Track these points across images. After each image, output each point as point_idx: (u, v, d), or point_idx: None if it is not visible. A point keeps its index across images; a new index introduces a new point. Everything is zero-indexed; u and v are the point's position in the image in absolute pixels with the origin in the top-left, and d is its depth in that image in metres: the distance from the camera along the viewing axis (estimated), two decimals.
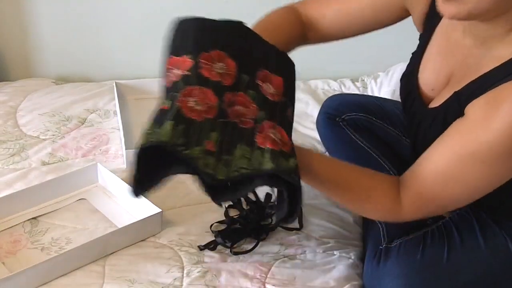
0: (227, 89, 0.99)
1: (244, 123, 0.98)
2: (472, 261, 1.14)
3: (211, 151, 0.94)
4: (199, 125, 0.95)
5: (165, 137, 0.91)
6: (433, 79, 1.12)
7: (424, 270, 1.13)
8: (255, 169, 0.94)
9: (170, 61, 1.02)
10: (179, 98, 0.96)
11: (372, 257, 1.20)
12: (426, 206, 1.05)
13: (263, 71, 1.03)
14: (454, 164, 0.98)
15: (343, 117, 1.45)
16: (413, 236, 1.19)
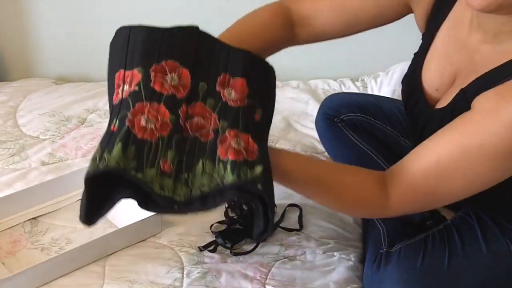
0: (182, 101, 0.93)
1: (204, 135, 0.93)
2: (473, 266, 1.13)
3: (167, 172, 0.89)
4: (153, 144, 0.89)
5: (114, 162, 0.86)
6: (437, 79, 1.09)
7: (424, 276, 1.12)
8: (218, 185, 0.89)
9: (119, 75, 0.94)
10: (128, 117, 0.89)
11: (372, 261, 1.20)
12: (417, 200, 1.00)
13: (223, 76, 0.95)
14: (457, 156, 0.92)
15: (342, 117, 1.44)
16: (414, 240, 1.19)
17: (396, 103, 1.50)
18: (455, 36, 1.05)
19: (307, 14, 1.16)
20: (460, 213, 1.22)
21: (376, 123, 1.43)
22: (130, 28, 0.97)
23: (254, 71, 0.97)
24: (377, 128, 1.43)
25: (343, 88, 1.99)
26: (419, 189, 0.98)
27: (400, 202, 1.00)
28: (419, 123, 1.11)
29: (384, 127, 1.43)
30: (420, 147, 0.98)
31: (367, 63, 2.12)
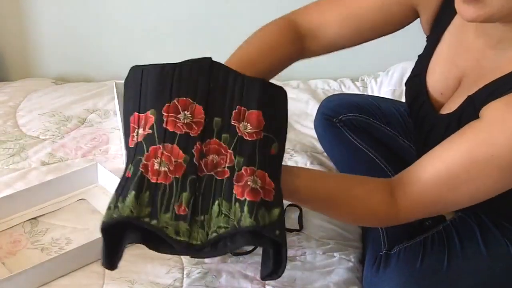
0: (197, 140, 0.90)
1: (219, 174, 0.90)
2: (472, 268, 1.12)
3: (182, 215, 0.87)
4: (167, 188, 0.88)
5: (128, 211, 0.85)
6: (442, 83, 1.08)
7: (424, 279, 1.11)
8: (234, 227, 0.86)
9: (133, 119, 0.93)
10: (142, 162, 0.88)
11: (372, 263, 1.20)
12: (427, 208, 1.00)
13: (239, 109, 0.93)
14: (468, 167, 0.92)
15: (340, 117, 1.44)
16: (413, 242, 1.18)
17: (395, 103, 1.50)
18: (460, 40, 1.05)
19: (315, 26, 1.14)
20: (460, 214, 1.22)
21: (374, 123, 1.43)
22: (142, 69, 0.96)
23: (269, 101, 0.95)
24: (375, 128, 1.43)
25: (343, 88, 1.99)
26: (429, 198, 0.97)
27: (410, 210, 1.00)
28: (424, 127, 1.11)
29: (382, 127, 1.43)
30: (429, 156, 0.97)
31: (367, 63, 2.12)
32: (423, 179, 0.96)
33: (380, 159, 1.38)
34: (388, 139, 1.42)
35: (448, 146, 0.95)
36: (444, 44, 1.09)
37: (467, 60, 1.03)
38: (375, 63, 2.09)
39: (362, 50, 2.13)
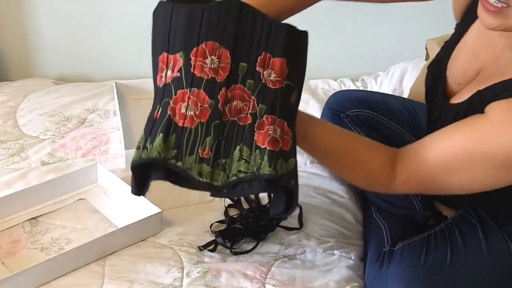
0: (223, 85, 0.95)
1: (242, 119, 0.95)
2: (474, 265, 1.13)
3: (205, 158, 0.94)
4: (192, 132, 0.94)
5: (156, 152, 0.92)
6: (462, 72, 1.10)
7: (427, 275, 1.12)
8: (253, 173, 0.93)
9: (162, 58, 0.97)
10: (170, 105, 0.94)
11: (375, 260, 1.20)
12: (421, 185, 1.04)
13: (264, 55, 0.95)
14: (462, 158, 0.96)
15: (347, 113, 1.45)
16: (416, 238, 1.19)
17: (402, 100, 1.50)
18: (486, 34, 1.06)
19: None
20: (461, 212, 1.22)
21: (382, 119, 1.44)
22: (172, 6, 0.96)
23: (293, 48, 0.97)
24: (383, 124, 1.43)
25: (343, 88, 1.99)
26: (423, 176, 1.02)
27: (404, 184, 1.05)
28: (435, 114, 1.14)
29: (390, 124, 1.43)
30: (430, 138, 1.02)
31: (367, 63, 2.12)
32: (421, 156, 1.01)
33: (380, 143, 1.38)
34: (395, 135, 1.43)
35: (448, 133, 1.00)
36: (471, 34, 1.11)
37: (488, 55, 1.06)
38: (375, 63, 2.10)
39: (362, 50, 2.15)
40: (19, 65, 2.12)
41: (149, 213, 1.28)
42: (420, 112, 1.44)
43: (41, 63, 2.11)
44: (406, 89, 1.88)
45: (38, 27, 2.05)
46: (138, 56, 2.10)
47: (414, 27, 2.00)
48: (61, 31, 2.07)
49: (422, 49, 1.91)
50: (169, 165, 0.92)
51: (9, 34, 2.07)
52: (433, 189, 1.07)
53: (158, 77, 0.98)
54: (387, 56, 2.10)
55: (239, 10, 0.95)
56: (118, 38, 2.09)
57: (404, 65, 2.00)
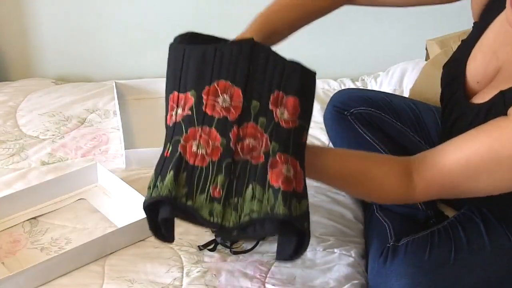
0: (234, 123, 0.94)
1: (254, 158, 0.94)
2: (478, 262, 1.13)
3: (216, 197, 0.92)
4: (203, 170, 0.92)
5: (166, 191, 0.90)
6: (481, 71, 1.08)
7: (431, 271, 1.12)
8: (267, 213, 0.90)
9: (173, 97, 0.97)
10: (181, 142, 0.93)
11: (379, 255, 1.20)
12: (443, 191, 1.02)
13: (276, 93, 0.95)
14: (488, 161, 0.94)
15: (351, 111, 1.44)
16: (421, 235, 1.19)
17: (406, 99, 1.50)
18: (506, 31, 1.04)
19: None
20: (463, 210, 1.22)
21: (385, 117, 1.43)
22: (184, 47, 0.97)
23: (305, 87, 0.97)
24: (386, 122, 1.43)
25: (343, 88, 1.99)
26: (446, 183, 1.00)
27: (425, 192, 1.02)
28: (453, 113, 1.12)
29: (393, 122, 1.43)
30: (452, 143, 0.99)
31: (367, 63, 2.12)
32: (442, 164, 0.98)
33: (389, 154, 1.38)
34: (399, 134, 1.42)
35: (471, 137, 0.97)
36: (490, 32, 1.09)
37: (508, 53, 1.04)
38: (375, 63, 2.10)
39: (362, 50, 2.15)
40: (19, 65, 2.12)
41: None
42: (423, 112, 1.44)
43: (41, 63, 2.11)
44: (406, 89, 1.88)
45: (38, 27, 2.05)
46: (138, 56, 2.11)
47: (414, 27, 2.01)
48: (61, 31, 2.07)
49: (422, 49, 1.91)
50: (180, 204, 0.90)
51: (9, 34, 2.07)
52: (455, 194, 1.06)
53: (168, 116, 0.97)
54: (387, 56, 2.10)
55: (251, 49, 0.95)
56: (118, 38, 2.09)
57: (404, 65, 2.00)
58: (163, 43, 2.13)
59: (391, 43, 2.14)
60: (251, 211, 0.91)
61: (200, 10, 2.06)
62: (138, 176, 1.49)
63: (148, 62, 2.11)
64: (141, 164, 1.53)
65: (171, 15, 2.06)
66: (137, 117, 1.77)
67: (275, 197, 0.90)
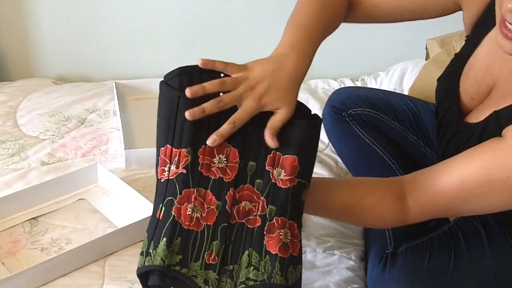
0: (230, 185, 0.91)
1: (251, 222, 0.91)
2: (478, 270, 1.12)
3: (211, 264, 0.89)
4: (198, 235, 0.89)
5: (159, 259, 0.86)
6: (475, 87, 1.07)
7: (430, 279, 1.12)
8: (264, 282, 0.88)
9: (165, 151, 0.91)
10: (175, 205, 0.89)
11: (378, 262, 1.19)
12: (437, 213, 1.02)
13: (273, 154, 0.92)
14: (482, 185, 0.94)
15: (350, 112, 1.43)
16: (420, 241, 1.18)
17: (405, 98, 1.49)
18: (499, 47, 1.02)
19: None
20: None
21: (384, 118, 1.43)
22: (179, 96, 0.91)
23: (306, 142, 0.93)
24: (384, 123, 1.42)
25: None
26: (440, 205, 0.99)
27: (420, 214, 1.02)
28: (448, 130, 1.11)
29: (392, 123, 1.42)
30: (446, 165, 0.99)
31: (367, 63, 2.12)
32: (436, 187, 0.98)
33: (388, 156, 1.38)
34: (397, 135, 1.42)
35: (466, 159, 0.96)
36: (482, 48, 1.08)
37: (502, 69, 1.03)
38: (375, 63, 2.10)
39: (362, 50, 2.15)
40: (19, 65, 2.12)
41: (149, 213, 1.27)
42: (423, 112, 1.43)
43: (41, 63, 2.11)
44: (406, 89, 1.88)
45: (38, 27, 2.05)
46: (138, 56, 2.11)
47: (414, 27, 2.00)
48: (61, 31, 2.07)
49: (422, 49, 1.91)
50: (173, 273, 0.87)
51: (9, 34, 2.07)
52: (450, 215, 1.07)
53: (160, 170, 0.91)
54: (387, 56, 2.10)
55: None
56: (118, 38, 2.09)
57: (404, 65, 2.00)
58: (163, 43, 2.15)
59: (391, 43, 2.14)
60: (247, 279, 0.88)
61: (200, 10, 2.06)
62: (138, 176, 1.49)
63: (148, 62, 2.11)
64: (141, 164, 1.53)
65: (171, 15, 2.06)
66: (137, 117, 1.77)
67: (273, 265, 0.88)
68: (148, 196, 1.32)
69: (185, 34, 2.09)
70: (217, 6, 2.04)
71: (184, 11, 2.05)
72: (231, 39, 2.11)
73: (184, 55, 2.11)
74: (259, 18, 2.07)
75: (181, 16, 2.06)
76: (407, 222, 1.03)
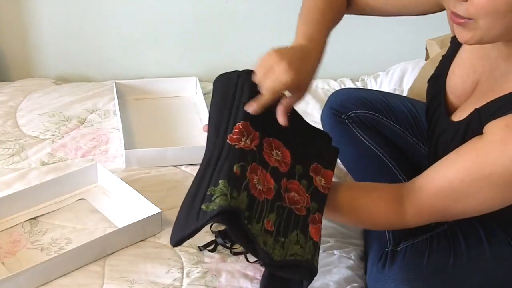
0: (284, 175, 1.03)
1: (298, 210, 1.02)
2: (477, 268, 1.13)
3: (269, 230, 0.96)
4: (260, 203, 0.97)
5: (244, 206, 0.93)
6: (460, 86, 1.11)
7: (429, 277, 1.12)
8: (308, 260, 0.98)
9: (244, 125, 1.01)
10: (248, 171, 0.97)
11: (377, 260, 1.19)
12: (433, 215, 1.06)
13: (315, 165, 1.08)
14: (469, 183, 0.97)
15: (349, 114, 1.44)
16: (420, 239, 1.19)
17: (404, 100, 1.49)
18: (482, 46, 1.05)
19: None
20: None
21: (383, 120, 1.43)
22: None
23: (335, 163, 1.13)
24: (384, 125, 1.43)
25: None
26: (435, 207, 1.03)
27: (416, 218, 1.06)
28: (437, 129, 1.14)
29: (391, 125, 1.43)
30: (435, 168, 1.03)
31: (367, 63, 2.12)
32: (428, 189, 1.02)
33: (387, 157, 1.38)
34: (396, 136, 1.43)
35: (451, 161, 1.01)
36: (466, 47, 1.11)
37: (484, 66, 1.06)
38: (375, 63, 2.09)
39: (362, 50, 2.15)
40: (19, 65, 2.11)
41: (149, 213, 1.28)
42: (422, 113, 1.44)
43: (41, 63, 2.11)
44: (406, 89, 1.88)
45: (38, 27, 2.05)
46: (138, 56, 2.11)
47: (414, 27, 2.00)
48: (61, 31, 2.07)
49: (422, 49, 1.91)
50: (244, 226, 0.93)
51: (9, 34, 2.06)
52: (446, 218, 1.09)
53: (234, 138, 1.00)
54: (387, 56, 2.10)
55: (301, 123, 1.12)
56: (118, 38, 2.09)
57: (404, 65, 2.00)
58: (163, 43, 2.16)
59: (391, 43, 2.14)
60: (296, 254, 0.97)
61: (200, 10, 2.05)
62: (138, 176, 1.49)
63: (148, 62, 2.11)
64: (141, 164, 1.53)
65: (171, 15, 2.05)
66: (137, 117, 1.77)
67: (315, 249, 1.00)
68: (148, 196, 1.33)
69: (185, 34, 2.09)
70: (217, 6, 2.04)
71: (184, 11, 2.05)
72: (231, 39, 2.10)
73: (184, 55, 2.11)
74: (259, 18, 2.07)
75: (181, 16, 2.06)
76: (406, 224, 1.07)
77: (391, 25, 2.06)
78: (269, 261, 0.94)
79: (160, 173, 1.52)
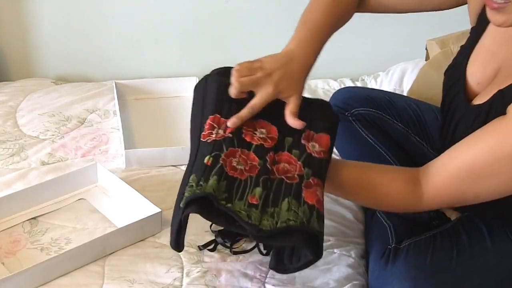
0: (270, 150, 1.03)
1: (289, 178, 1.01)
2: (480, 266, 1.13)
3: (254, 204, 0.97)
4: (242, 182, 0.98)
5: (210, 189, 0.94)
6: (480, 72, 1.11)
7: (433, 274, 1.12)
8: (303, 223, 0.96)
9: (214, 118, 1.04)
10: (222, 157, 0.99)
11: (380, 257, 1.19)
12: (452, 197, 1.05)
13: (308, 132, 1.06)
14: (492, 163, 0.96)
15: (352, 111, 1.44)
16: (423, 237, 1.19)
17: (407, 99, 1.50)
18: (504, 31, 1.06)
19: None
20: (466, 213, 1.21)
21: (387, 118, 1.43)
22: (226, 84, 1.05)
23: (333, 128, 1.10)
24: (387, 123, 1.43)
25: None
26: (454, 188, 1.03)
27: (434, 199, 1.06)
28: (455, 116, 1.13)
29: (395, 123, 1.43)
30: (456, 149, 1.02)
31: (367, 63, 2.12)
32: (448, 171, 1.02)
33: (390, 156, 1.38)
34: (400, 135, 1.43)
35: (473, 141, 1.00)
36: (488, 35, 1.12)
37: (507, 52, 1.06)
38: (375, 63, 2.10)
39: (362, 50, 2.15)
40: (19, 65, 2.12)
41: (149, 213, 1.28)
42: (425, 112, 1.44)
43: (41, 63, 2.11)
44: (406, 89, 1.88)
45: (38, 27, 2.05)
46: (138, 56, 2.11)
47: (414, 27, 2.00)
48: (61, 31, 2.07)
49: (422, 49, 1.91)
50: (220, 206, 0.94)
51: (9, 34, 2.07)
52: (464, 200, 1.07)
53: (206, 133, 1.03)
54: (387, 56, 2.10)
55: None
56: (118, 38, 2.09)
57: (404, 65, 2.00)
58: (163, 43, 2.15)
59: (391, 43, 2.14)
60: (288, 220, 0.96)
61: (200, 10, 2.06)
62: (138, 176, 1.49)
63: (148, 62, 2.11)
64: (141, 164, 1.53)
65: (171, 15, 2.06)
66: (137, 117, 1.77)
67: (311, 213, 0.98)
68: (148, 196, 1.32)
69: (185, 34, 2.09)
70: (217, 6, 2.04)
71: (184, 11, 2.05)
72: (231, 39, 2.10)
73: (184, 55, 2.11)
74: (259, 18, 2.07)
75: (181, 16, 2.06)
76: (421, 206, 1.07)
77: (391, 25, 2.06)
78: (256, 232, 0.95)
79: (160, 173, 1.52)
